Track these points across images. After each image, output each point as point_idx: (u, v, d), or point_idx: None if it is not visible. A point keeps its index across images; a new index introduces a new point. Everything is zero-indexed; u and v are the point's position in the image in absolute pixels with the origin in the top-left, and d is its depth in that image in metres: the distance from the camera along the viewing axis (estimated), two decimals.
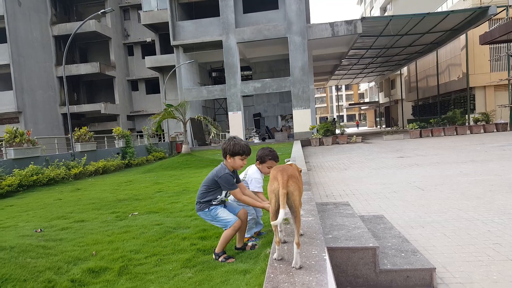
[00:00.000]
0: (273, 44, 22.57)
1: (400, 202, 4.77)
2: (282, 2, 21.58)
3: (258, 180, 3.21)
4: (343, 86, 72.94)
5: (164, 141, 23.82)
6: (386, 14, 40.16)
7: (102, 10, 14.58)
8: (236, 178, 2.97)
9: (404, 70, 36.57)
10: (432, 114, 28.52)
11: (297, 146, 13.66)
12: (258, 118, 27.81)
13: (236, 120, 21.91)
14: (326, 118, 63.26)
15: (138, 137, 21.94)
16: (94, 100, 31.11)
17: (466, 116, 21.15)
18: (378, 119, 52.14)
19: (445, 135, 18.43)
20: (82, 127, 14.51)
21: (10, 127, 10.77)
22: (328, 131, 18.86)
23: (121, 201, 6.20)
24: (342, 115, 75.45)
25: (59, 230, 4.24)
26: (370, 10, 49.03)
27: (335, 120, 36.58)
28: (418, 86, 32.37)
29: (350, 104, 63.05)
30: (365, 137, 22.81)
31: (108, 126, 28.00)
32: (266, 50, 24.23)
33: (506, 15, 19.40)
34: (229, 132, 22.71)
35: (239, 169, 2.97)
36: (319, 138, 18.31)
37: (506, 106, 20.57)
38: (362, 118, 72.72)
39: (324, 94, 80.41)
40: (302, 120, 21.09)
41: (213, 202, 2.96)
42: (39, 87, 25.67)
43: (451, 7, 24.67)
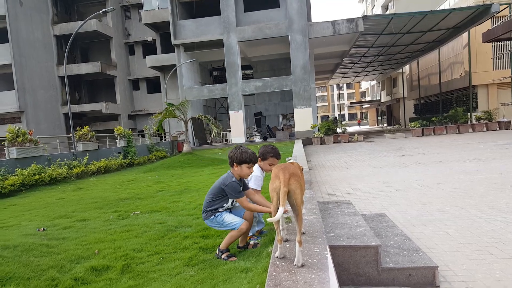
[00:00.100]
0: (274, 42, 22.54)
1: (402, 200, 4.76)
2: (283, 1, 21.53)
3: (258, 177, 3.21)
4: (345, 85, 72.85)
5: (165, 140, 23.84)
6: (387, 12, 40.05)
7: (103, 10, 14.60)
8: (243, 185, 2.97)
9: (406, 68, 36.46)
10: (434, 113, 28.45)
11: (298, 145, 13.65)
12: (259, 117, 27.80)
13: (237, 119, 21.91)
14: (327, 117, 63.20)
15: (140, 136, 21.97)
16: (96, 99, 31.15)
17: (469, 114, 21.08)
18: (379, 118, 52.02)
19: (447, 134, 18.38)
20: (84, 127, 14.54)
21: (12, 127, 10.80)
22: (329, 130, 18.83)
23: (123, 200, 6.22)
24: (344, 114, 75.36)
25: (62, 229, 4.25)
26: (372, 8, 48.89)
27: (337, 119, 36.54)
28: (420, 85, 32.28)
29: (351, 102, 62.94)
30: (366, 136, 22.78)
31: (109, 125, 28.04)
32: (267, 48, 24.20)
33: (509, 13, 19.34)
34: (230, 131, 22.72)
35: (246, 177, 2.97)
36: (321, 137, 18.29)
37: (508, 104, 20.50)
38: (363, 116, 72.57)
39: (325, 93, 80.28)
40: (304, 119, 21.07)
41: (219, 210, 2.97)
42: (41, 87, 25.73)
43: (453, 5, 24.59)
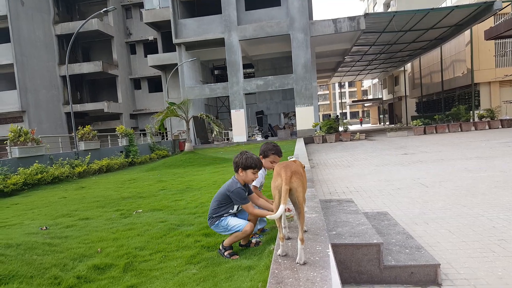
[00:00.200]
0: (275, 41, 22.51)
1: (404, 198, 4.75)
2: None
3: (259, 175, 3.22)
4: (346, 83, 72.64)
5: (167, 139, 23.88)
6: (389, 10, 39.93)
7: (105, 9, 14.62)
8: (248, 191, 2.98)
9: (408, 66, 36.35)
10: (436, 111, 28.35)
11: (300, 143, 13.64)
12: (260, 116, 27.77)
13: (238, 118, 21.91)
14: (329, 115, 63.07)
15: (141, 135, 22.01)
16: (97, 99, 31.22)
17: (471, 112, 21.00)
18: (381, 116, 51.91)
19: (449, 132, 18.31)
20: (86, 126, 14.58)
21: (14, 126, 10.84)
22: (331, 128, 18.79)
23: (125, 199, 6.23)
24: (345, 112, 75.20)
25: (64, 227, 4.27)
26: (373, 6, 48.73)
27: (338, 117, 36.47)
28: (422, 83, 32.18)
29: (353, 101, 62.81)
30: (368, 134, 22.73)
31: (111, 124, 28.11)
32: (269, 47, 24.18)
33: None
34: (231, 130, 22.72)
35: (251, 183, 2.98)
36: (322, 136, 18.26)
37: (511, 102, 20.41)
38: (365, 115, 72.43)
39: (327, 91, 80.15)
40: (305, 117, 21.05)
41: (224, 215, 2.98)
42: (43, 87, 25.80)
43: (455, 2, 24.47)
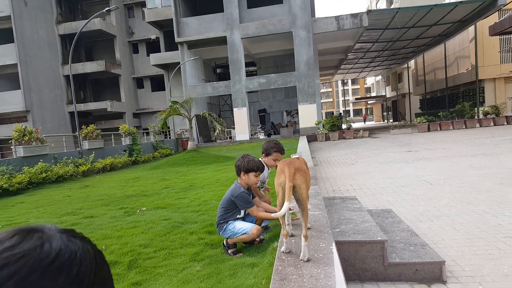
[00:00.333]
0: (277, 39, 22.45)
1: (408, 196, 4.73)
2: None
3: (263, 174, 3.22)
4: (349, 81, 72.36)
5: (170, 138, 23.92)
6: (392, 6, 39.64)
7: (107, 8, 14.64)
8: (251, 194, 2.99)
9: (411, 63, 36.14)
10: (440, 108, 28.19)
11: (303, 141, 13.62)
12: (263, 114, 27.75)
13: (241, 116, 21.90)
14: (332, 113, 62.92)
15: (144, 134, 22.07)
16: (100, 98, 31.32)
17: (475, 109, 20.85)
18: (385, 114, 51.70)
19: (453, 129, 18.20)
20: (89, 125, 14.62)
21: (19, 126, 10.91)
22: (334, 126, 18.74)
23: (129, 197, 6.26)
24: (349, 110, 74.93)
25: (69, 226, 4.29)
26: (376, 3, 48.42)
27: (341, 115, 36.35)
28: (425, 79, 31.99)
29: (356, 98, 62.56)
30: (372, 131, 22.65)
31: (114, 123, 28.19)
32: (271, 45, 24.12)
33: None
34: (234, 128, 22.72)
35: (253, 185, 2.99)
36: (325, 133, 18.22)
37: None
38: (368, 112, 72.17)
39: (330, 89, 79.88)
40: (308, 115, 20.99)
41: (231, 220, 2.98)
42: (46, 86, 25.92)
43: None
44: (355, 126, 33.73)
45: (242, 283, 2.19)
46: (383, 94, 49.79)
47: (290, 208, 2.52)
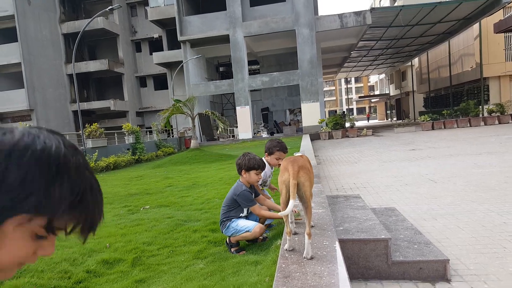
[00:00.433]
0: (280, 37, 22.39)
1: (412, 194, 4.72)
2: None
3: (264, 173, 3.22)
4: (353, 79, 72.12)
5: (173, 136, 23.97)
6: (396, 4, 39.40)
7: (110, 7, 14.66)
8: (254, 192, 2.99)
9: (415, 61, 35.94)
10: (444, 106, 28.03)
11: (306, 140, 13.60)
12: (266, 113, 27.72)
13: (244, 114, 21.88)
14: (335, 112, 62.77)
15: (148, 133, 22.12)
16: (104, 97, 31.43)
17: (480, 107, 20.70)
18: (388, 112, 51.49)
19: (458, 127, 18.09)
20: (93, 124, 14.68)
21: (23, 125, 10.97)
22: (337, 125, 18.69)
23: (132, 195, 6.28)
24: (352, 108, 74.65)
25: None
26: (380, 0, 48.17)
27: (345, 113, 36.24)
28: (429, 78, 31.81)
29: (360, 97, 62.28)
30: (375, 130, 22.57)
31: (117, 122, 28.28)
32: (274, 43, 24.06)
33: None
34: (237, 127, 22.72)
35: (255, 184, 3.00)
36: (329, 132, 18.18)
37: None
38: (372, 111, 71.88)
39: (333, 87, 79.63)
40: (311, 113, 20.94)
41: (235, 218, 2.99)
42: (50, 85, 26.04)
43: None
44: (359, 124, 33.65)
45: (246, 281, 2.19)
46: (387, 92, 49.57)
47: (295, 211, 2.53)
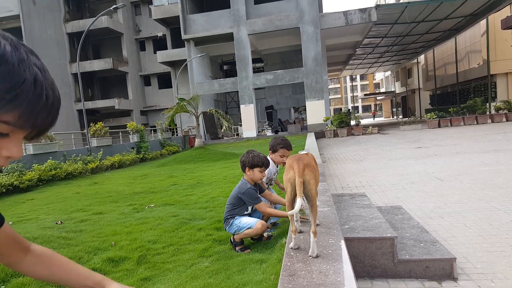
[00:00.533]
0: (285, 35, 22.31)
1: (418, 193, 4.68)
2: None
3: (270, 171, 3.21)
4: (358, 76, 71.79)
5: (177, 135, 24.03)
6: (401, 0, 39.09)
7: (114, 6, 14.70)
8: (259, 189, 2.99)
9: (421, 58, 35.64)
10: (451, 103, 27.79)
11: (311, 138, 13.55)
12: (270, 111, 27.67)
13: (248, 113, 21.87)
14: (340, 110, 62.46)
15: (152, 131, 22.20)
16: (108, 96, 31.57)
17: (487, 104, 20.48)
18: (394, 110, 51.17)
19: (465, 125, 17.92)
20: (98, 123, 14.75)
21: None
22: (342, 123, 18.60)
23: (137, 194, 6.30)
24: (357, 106, 74.31)
25: (79, 222, 4.34)
26: None
27: (350, 111, 36.05)
28: (436, 75, 31.54)
29: (365, 94, 62.00)
30: (381, 128, 22.44)
31: (122, 121, 28.41)
32: (278, 41, 24.00)
33: None
34: (241, 125, 22.71)
35: (259, 181, 2.99)
36: (334, 130, 18.09)
37: None
38: (378, 108, 71.49)
39: (338, 85, 79.31)
40: (316, 111, 20.87)
41: (238, 215, 2.99)
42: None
43: None
44: (364, 122, 33.45)
45: (251, 279, 2.19)
46: (393, 89, 49.25)
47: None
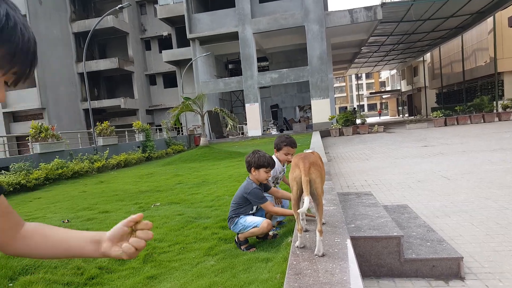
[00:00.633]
0: (290, 33, 22.26)
1: (424, 191, 4.65)
2: None
3: (275, 170, 3.21)
4: (363, 75, 71.34)
5: (182, 134, 24.11)
6: None
7: (120, 6, 14.76)
8: (264, 187, 3.00)
9: (427, 56, 35.35)
10: (457, 102, 27.54)
11: (316, 136, 13.51)
12: (275, 110, 27.65)
13: (253, 112, 21.87)
14: (345, 108, 62.17)
15: (157, 130, 22.30)
16: (114, 95, 31.73)
17: (494, 102, 20.25)
18: (400, 108, 50.84)
19: (471, 123, 17.75)
20: (104, 122, 14.85)
21: (35, 123, 11.15)
22: (348, 121, 18.52)
23: (143, 192, 6.34)
24: (363, 105, 73.90)
25: (85, 220, 4.37)
26: None
27: (355, 109, 35.85)
28: (442, 73, 31.26)
29: (371, 93, 61.63)
30: (387, 126, 22.30)
31: (128, 120, 28.55)
32: (283, 39, 23.95)
33: None
34: (246, 124, 22.72)
35: (264, 181, 3.00)
36: (339, 129, 18.02)
37: None
38: (383, 107, 71.04)
39: (343, 83, 78.92)
40: (321, 110, 20.80)
41: (243, 214, 3.00)
42: (61, 84, 26.41)
43: None
44: (370, 120, 33.27)
45: (256, 278, 2.19)
46: (398, 88, 48.93)
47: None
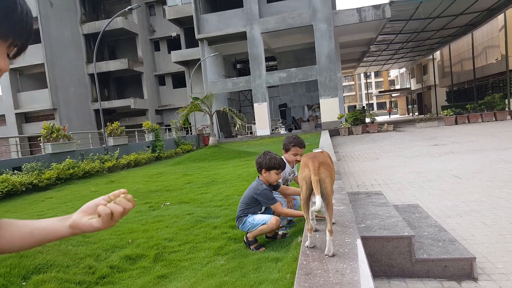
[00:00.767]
0: (298, 32, 22.19)
1: (435, 191, 4.59)
2: None
3: (284, 171, 3.21)
4: (372, 73, 70.62)
5: (191, 134, 24.24)
6: None
7: (129, 7, 14.91)
8: (273, 186, 3.01)
9: (436, 54, 34.86)
10: (468, 100, 27.10)
11: (325, 136, 13.45)
12: (284, 109, 27.57)
13: (261, 111, 21.87)
14: (354, 107, 61.73)
15: (167, 130, 22.45)
16: (124, 95, 32.04)
17: (506, 100, 19.88)
18: (410, 107, 50.27)
19: (482, 121, 17.46)
20: (114, 122, 15.01)
21: (47, 124, 11.33)
22: (357, 120, 18.38)
23: (153, 192, 6.39)
24: (372, 103, 73.23)
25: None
26: None
27: (365, 108, 35.58)
28: (452, 71, 30.80)
29: (380, 91, 61.08)
30: (396, 125, 22.08)
31: (137, 120, 28.81)
32: (291, 39, 23.88)
33: None
34: (254, 123, 22.73)
35: (274, 183, 3.01)
36: (348, 128, 17.91)
37: None
38: (393, 105, 70.31)
39: (352, 82, 78.31)
40: (330, 109, 20.70)
41: (251, 213, 3.00)
42: (72, 85, 26.79)
43: None
44: (379, 119, 32.97)
45: (266, 278, 2.19)
46: (408, 86, 48.37)
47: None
